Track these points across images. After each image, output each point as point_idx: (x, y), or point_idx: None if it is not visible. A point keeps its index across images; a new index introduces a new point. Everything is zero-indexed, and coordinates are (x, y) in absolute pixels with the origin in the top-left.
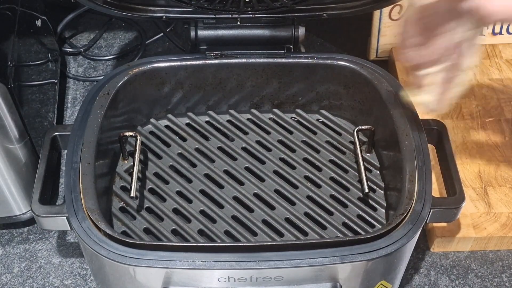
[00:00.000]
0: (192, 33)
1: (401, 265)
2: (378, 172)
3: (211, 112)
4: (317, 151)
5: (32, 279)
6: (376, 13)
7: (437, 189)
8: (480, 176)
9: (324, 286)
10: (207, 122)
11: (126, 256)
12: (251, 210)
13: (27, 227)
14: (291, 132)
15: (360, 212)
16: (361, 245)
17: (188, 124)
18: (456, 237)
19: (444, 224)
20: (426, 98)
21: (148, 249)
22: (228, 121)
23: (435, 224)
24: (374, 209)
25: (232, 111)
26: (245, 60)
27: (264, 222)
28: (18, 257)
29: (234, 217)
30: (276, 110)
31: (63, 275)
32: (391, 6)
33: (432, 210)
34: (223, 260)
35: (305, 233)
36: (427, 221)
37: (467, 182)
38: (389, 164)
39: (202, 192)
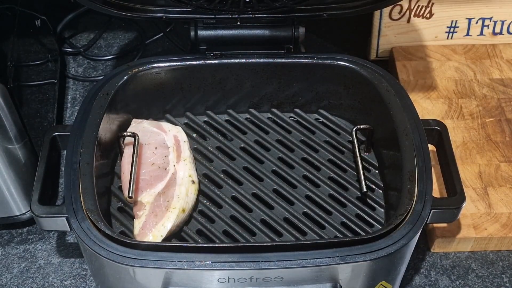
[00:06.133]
0: (192, 33)
1: (401, 266)
2: (377, 171)
3: (209, 112)
4: (316, 151)
5: (32, 279)
6: (377, 13)
7: (437, 189)
8: (480, 176)
9: (324, 287)
10: (205, 122)
11: (126, 257)
12: (249, 210)
13: (27, 228)
14: (289, 132)
15: (359, 212)
16: (361, 245)
17: (186, 124)
18: (457, 238)
19: (445, 225)
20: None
21: (147, 250)
22: (227, 121)
23: (435, 224)
24: (373, 209)
25: (230, 111)
26: (244, 60)
27: (263, 222)
28: (18, 257)
29: (233, 217)
30: (274, 110)
31: (63, 276)
32: (391, 6)
33: (432, 210)
34: (222, 261)
35: (303, 233)
36: (428, 222)
37: (467, 182)
38: (389, 164)
39: (200, 192)
